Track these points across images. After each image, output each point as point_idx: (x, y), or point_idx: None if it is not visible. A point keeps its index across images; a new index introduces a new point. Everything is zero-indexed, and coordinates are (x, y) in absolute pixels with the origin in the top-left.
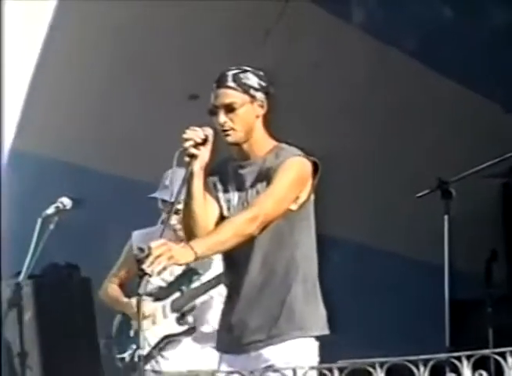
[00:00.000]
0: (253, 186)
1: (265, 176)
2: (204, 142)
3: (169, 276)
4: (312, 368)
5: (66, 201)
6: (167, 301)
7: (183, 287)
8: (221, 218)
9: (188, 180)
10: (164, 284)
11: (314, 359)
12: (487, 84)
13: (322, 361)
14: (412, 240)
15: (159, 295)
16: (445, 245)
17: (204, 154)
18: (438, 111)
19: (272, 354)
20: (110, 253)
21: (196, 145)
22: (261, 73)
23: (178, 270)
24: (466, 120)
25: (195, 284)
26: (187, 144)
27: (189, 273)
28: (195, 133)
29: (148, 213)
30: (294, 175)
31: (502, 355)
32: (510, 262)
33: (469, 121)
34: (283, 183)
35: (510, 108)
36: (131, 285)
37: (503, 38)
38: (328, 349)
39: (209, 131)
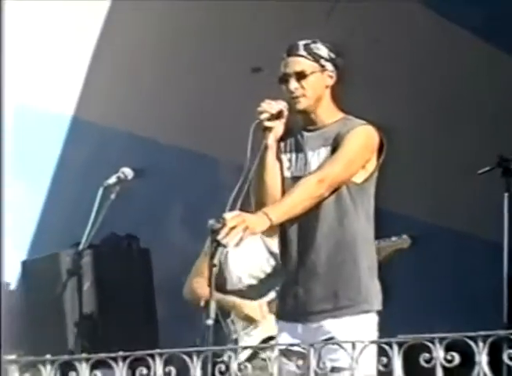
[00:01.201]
0: (316, 148)
1: (331, 142)
2: (279, 114)
3: (259, 272)
4: (372, 342)
5: (127, 172)
6: (263, 302)
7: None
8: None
9: (262, 152)
10: (254, 282)
11: (374, 333)
12: None
13: (381, 336)
14: (472, 217)
15: (250, 294)
16: (504, 223)
17: (278, 127)
18: (500, 88)
19: (334, 326)
20: (170, 225)
21: (271, 118)
22: (330, 45)
23: (268, 268)
24: None
25: None
26: (262, 117)
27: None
28: (270, 106)
29: (209, 186)
30: (363, 142)
31: None
32: None
33: None
34: (351, 148)
35: None
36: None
37: None
38: (388, 324)
39: (283, 104)
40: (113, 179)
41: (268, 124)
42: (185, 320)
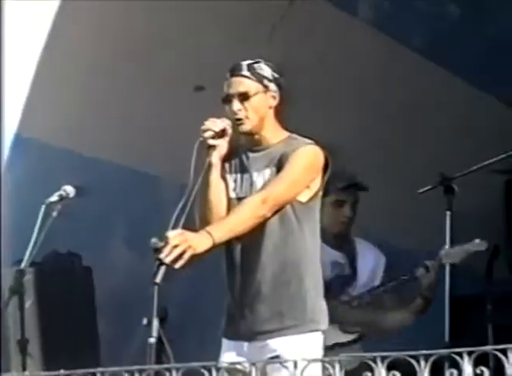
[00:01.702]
0: (261, 169)
1: (276, 162)
2: (223, 133)
3: None
4: (314, 361)
5: (69, 189)
6: None
7: None
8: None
9: (206, 170)
10: None
11: (319, 352)
12: (493, 81)
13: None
14: (414, 235)
15: None
16: (446, 241)
17: (222, 145)
18: (444, 107)
19: (280, 344)
20: (112, 243)
21: (215, 136)
22: (273, 65)
23: None
24: (470, 116)
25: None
26: (206, 135)
27: None
28: (214, 124)
29: (152, 204)
30: (307, 161)
31: (503, 351)
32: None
33: (473, 117)
34: (295, 168)
35: None
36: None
37: (507, 37)
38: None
39: (227, 122)
40: (54, 197)
41: (211, 142)
42: (127, 339)
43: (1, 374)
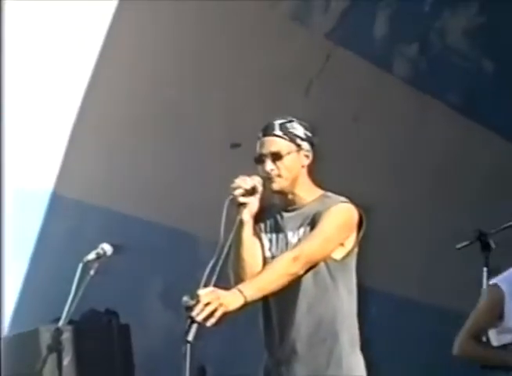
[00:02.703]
0: (296, 229)
1: (310, 221)
2: (253, 190)
3: None
4: None
5: (106, 247)
6: None
7: None
8: (263, 258)
9: (237, 228)
10: None
11: None
12: None
13: None
14: (453, 292)
15: None
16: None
17: (253, 203)
18: (480, 164)
19: None
20: (149, 301)
21: (245, 193)
22: (306, 124)
23: None
24: (506, 173)
25: None
26: (236, 192)
27: None
28: (244, 181)
29: (188, 263)
30: (341, 219)
31: None
32: None
33: (509, 174)
34: (328, 225)
35: None
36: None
37: None
38: None
39: (257, 180)
40: (92, 255)
41: (242, 199)
42: None
43: None
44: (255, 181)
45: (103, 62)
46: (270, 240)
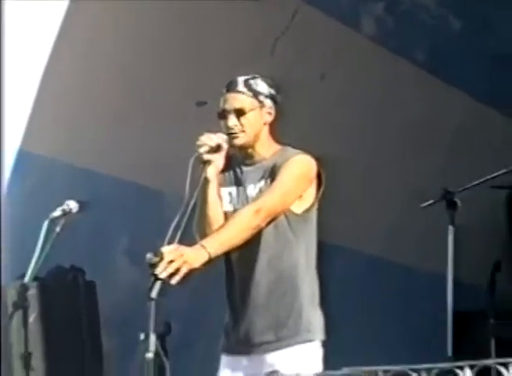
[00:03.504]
0: (255, 182)
1: (269, 174)
2: (218, 148)
3: None
4: (316, 375)
5: (72, 204)
6: None
7: None
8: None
9: (202, 186)
10: None
11: (318, 364)
12: (495, 94)
13: (326, 368)
14: (418, 250)
15: None
16: (448, 256)
17: (219, 160)
18: (446, 122)
19: (278, 358)
20: (115, 258)
21: (210, 151)
22: (270, 81)
23: None
24: (473, 131)
25: None
26: (201, 150)
27: None
28: (209, 139)
29: (154, 219)
30: (299, 171)
31: (505, 365)
32: None
33: (476, 131)
34: (287, 177)
35: None
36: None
37: (509, 50)
38: (332, 356)
39: (223, 137)
40: (58, 212)
41: (207, 157)
42: (130, 353)
43: None
44: (220, 138)
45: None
46: (230, 194)
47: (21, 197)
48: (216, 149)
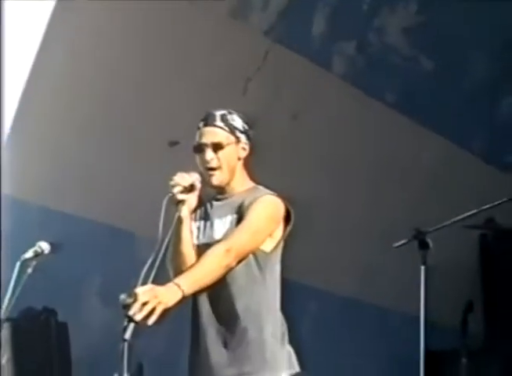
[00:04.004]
0: (222, 216)
1: (237, 209)
2: (191, 187)
3: None
4: None
5: (44, 246)
6: None
7: None
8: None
9: (176, 225)
10: None
11: None
12: (467, 136)
13: None
14: (391, 290)
15: None
16: (421, 296)
17: (192, 199)
18: (418, 162)
19: None
20: (87, 299)
21: (184, 190)
22: (244, 116)
23: None
24: (445, 171)
25: None
26: (175, 190)
27: None
28: (182, 178)
29: (126, 260)
30: (268, 211)
31: None
32: (487, 313)
33: (448, 172)
34: (256, 217)
35: (489, 160)
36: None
37: (481, 91)
38: None
39: (196, 177)
40: (29, 253)
41: (180, 197)
42: None
43: None
44: (193, 178)
45: (43, 56)
46: (198, 228)
47: None
48: (190, 189)
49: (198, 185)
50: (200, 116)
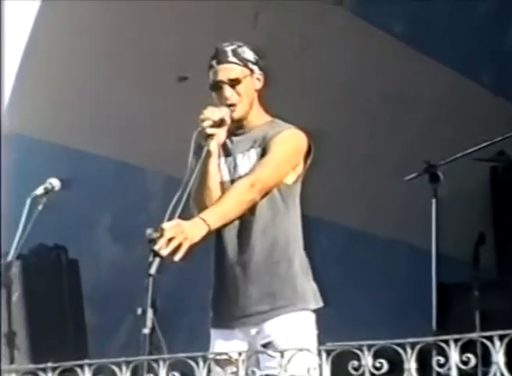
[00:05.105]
0: (243, 151)
1: (260, 143)
2: (221, 122)
3: None
4: (300, 350)
5: (55, 182)
6: None
7: None
8: None
9: (205, 159)
10: None
11: (313, 332)
12: (475, 67)
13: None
14: (401, 223)
15: None
16: (432, 228)
17: (221, 134)
18: (428, 94)
19: (272, 329)
20: (98, 235)
21: (214, 125)
22: (254, 47)
23: None
24: (455, 103)
25: None
26: (205, 124)
27: None
28: (212, 113)
29: (136, 196)
30: (292, 145)
31: (490, 338)
32: (498, 245)
33: (458, 104)
34: (280, 152)
35: (498, 91)
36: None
37: (490, 23)
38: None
39: (225, 111)
40: (40, 190)
41: (210, 131)
42: (114, 329)
43: None
44: (223, 112)
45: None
46: (218, 165)
47: (4, 176)
48: (219, 123)
49: (228, 120)
50: (211, 50)
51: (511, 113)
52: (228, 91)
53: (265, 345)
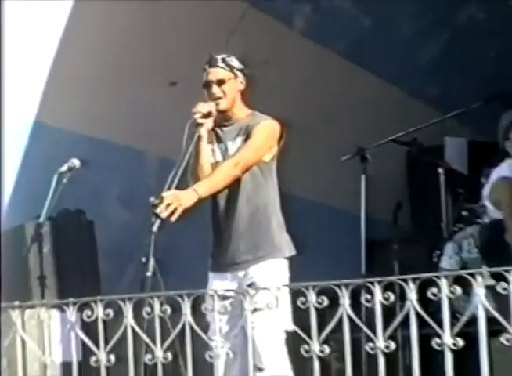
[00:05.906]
0: (233, 139)
1: (244, 132)
2: (209, 114)
3: None
4: (284, 286)
5: (75, 162)
6: None
7: None
8: None
9: (196, 141)
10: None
11: (286, 275)
12: (398, 76)
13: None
14: (339, 195)
15: None
16: (361, 199)
17: (209, 123)
18: (361, 98)
19: (255, 272)
20: (109, 203)
21: (203, 116)
22: (240, 58)
23: None
24: (381, 103)
25: None
26: (196, 115)
27: None
28: (202, 107)
29: (138, 173)
30: (268, 132)
31: (405, 281)
32: (412, 211)
33: (383, 104)
34: (259, 137)
35: (413, 94)
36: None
37: (409, 40)
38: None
39: (212, 105)
40: (64, 168)
41: (200, 121)
42: (121, 275)
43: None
44: (211, 106)
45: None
46: (213, 150)
47: (37, 157)
48: (207, 114)
49: (214, 112)
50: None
51: (422, 110)
52: (215, 88)
53: (249, 285)
